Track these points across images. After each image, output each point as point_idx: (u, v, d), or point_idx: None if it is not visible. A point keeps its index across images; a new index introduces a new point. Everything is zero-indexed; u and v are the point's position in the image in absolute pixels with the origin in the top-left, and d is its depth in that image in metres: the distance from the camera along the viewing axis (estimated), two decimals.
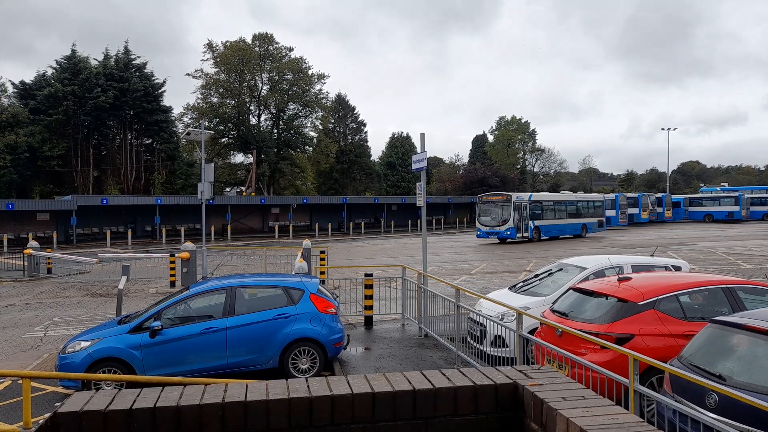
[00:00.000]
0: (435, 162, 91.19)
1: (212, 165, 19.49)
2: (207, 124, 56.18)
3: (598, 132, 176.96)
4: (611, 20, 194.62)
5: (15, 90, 50.60)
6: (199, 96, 61.11)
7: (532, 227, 36.31)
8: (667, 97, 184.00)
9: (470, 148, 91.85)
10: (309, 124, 66.93)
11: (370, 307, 12.22)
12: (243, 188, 61.43)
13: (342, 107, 74.57)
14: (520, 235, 35.37)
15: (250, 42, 61.53)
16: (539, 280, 10.55)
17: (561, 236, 38.93)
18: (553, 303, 8.19)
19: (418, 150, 11.81)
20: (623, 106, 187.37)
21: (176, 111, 60.01)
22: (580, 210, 41.32)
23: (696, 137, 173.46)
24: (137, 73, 53.34)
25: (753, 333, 4.95)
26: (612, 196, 51.09)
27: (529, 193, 38.48)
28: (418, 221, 48.61)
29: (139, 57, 54.93)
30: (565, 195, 42.96)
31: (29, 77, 59.63)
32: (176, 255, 18.81)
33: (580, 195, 45.24)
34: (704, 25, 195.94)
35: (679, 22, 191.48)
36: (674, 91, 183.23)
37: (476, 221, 37.88)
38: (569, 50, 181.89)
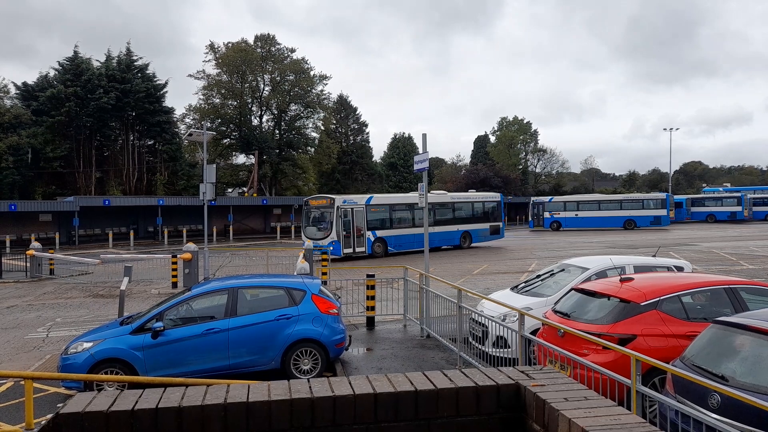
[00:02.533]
0: (437, 163, 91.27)
1: (214, 166, 19.53)
2: (209, 125, 56.31)
3: (601, 133, 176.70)
4: (615, 20, 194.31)
5: (17, 91, 50.75)
6: (201, 97, 61.23)
7: (372, 239, 27.92)
8: (671, 97, 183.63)
9: (472, 148, 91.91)
10: (311, 125, 67.04)
11: (372, 308, 12.22)
12: (245, 189, 61.42)
13: (344, 108, 74.62)
14: (350, 250, 26.95)
15: (252, 43, 61.60)
16: (541, 280, 10.55)
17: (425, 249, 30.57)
18: (555, 303, 8.19)
19: (420, 151, 11.83)
20: (627, 107, 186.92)
21: (178, 112, 60.03)
22: (458, 214, 32.46)
23: (699, 137, 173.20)
24: (139, 75, 53.42)
25: (756, 333, 4.94)
26: (663, 195, 50.96)
27: (369, 195, 29.30)
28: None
29: (141, 58, 55.06)
30: (436, 195, 32.43)
31: (31, 78, 59.86)
32: (178, 256, 18.83)
33: (461, 194, 35.67)
34: (709, 24, 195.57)
35: (684, 21, 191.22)
36: (678, 92, 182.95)
37: (301, 232, 29.48)
38: (573, 50, 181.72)
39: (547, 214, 49.86)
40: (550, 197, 54.14)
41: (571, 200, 52.19)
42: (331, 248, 24.89)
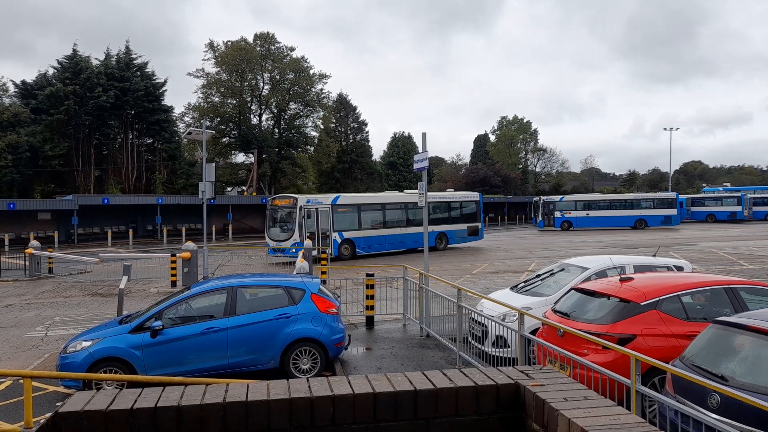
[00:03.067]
0: (436, 162, 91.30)
1: (213, 165, 19.53)
2: (208, 123, 56.28)
3: (601, 132, 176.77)
4: (615, 19, 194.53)
5: (16, 90, 50.72)
6: (201, 95, 61.19)
7: (339, 241, 26.37)
8: (671, 97, 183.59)
9: (472, 148, 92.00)
10: (310, 124, 67.06)
11: (372, 307, 12.21)
12: (244, 188, 61.43)
13: (343, 107, 74.64)
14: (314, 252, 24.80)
15: (252, 42, 61.59)
16: (541, 280, 10.54)
17: (397, 251, 28.67)
18: (555, 303, 8.19)
19: (420, 150, 11.81)
20: (627, 106, 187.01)
21: (177, 110, 60.03)
22: (433, 214, 30.74)
23: (699, 137, 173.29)
24: (138, 73, 53.37)
25: (756, 333, 4.94)
26: (673, 194, 51.32)
27: (335, 195, 28.09)
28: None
29: (140, 56, 55.04)
30: (409, 195, 30.95)
31: (29, 76, 59.91)
32: (177, 255, 18.83)
33: (437, 194, 33.69)
34: (709, 23, 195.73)
35: (684, 20, 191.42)
36: (678, 91, 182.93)
37: (265, 234, 27.77)
38: (572, 50, 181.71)
39: (558, 214, 49.25)
40: (560, 196, 53.27)
41: (582, 199, 51.74)
42: (294, 250, 23.22)
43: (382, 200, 29.89)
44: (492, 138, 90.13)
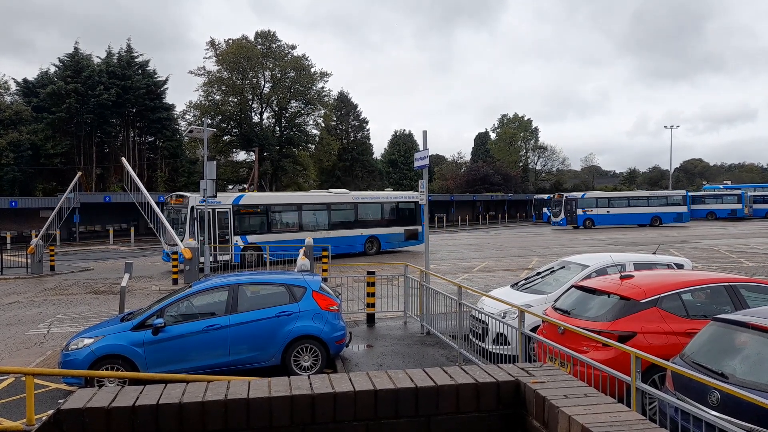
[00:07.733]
0: (437, 160, 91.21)
1: (215, 163, 19.50)
2: (209, 121, 56.21)
3: (605, 130, 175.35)
4: (620, 14, 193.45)
5: (18, 88, 50.74)
6: (202, 94, 61.19)
7: (242, 246, 23.37)
8: (676, 93, 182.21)
9: (473, 145, 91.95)
10: (311, 122, 67.07)
11: (372, 305, 12.22)
12: (245, 186, 61.41)
13: (344, 105, 74.58)
14: (209, 258, 20.80)
15: (253, 40, 61.57)
16: (541, 277, 10.55)
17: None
18: (556, 301, 8.19)
19: (421, 148, 11.82)
20: (631, 103, 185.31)
21: (179, 109, 60.04)
22: (363, 217, 27.94)
23: (703, 135, 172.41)
24: (140, 71, 53.36)
25: (756, 331, 4.95)
26: (683, 192, 52.49)
27: (238, 194, 25.10)
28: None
29: (141, 54, 55.00)
30: (334, 194, 28.51)
31: (29, 74, 59.78)
32: (179, 252, 18.84)
33: (368, 194, 30.68)
34: (716, 18, 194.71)
35: (690, 15, 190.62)
36: (684, 88, 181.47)
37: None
38: (577, 46, 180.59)
39: (580, 211, 48.89)
40: (582, 193, 52.96)
41: (602, 197, 51.92)
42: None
43: (299, 200, 27.04)
44: (492, 136, 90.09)
